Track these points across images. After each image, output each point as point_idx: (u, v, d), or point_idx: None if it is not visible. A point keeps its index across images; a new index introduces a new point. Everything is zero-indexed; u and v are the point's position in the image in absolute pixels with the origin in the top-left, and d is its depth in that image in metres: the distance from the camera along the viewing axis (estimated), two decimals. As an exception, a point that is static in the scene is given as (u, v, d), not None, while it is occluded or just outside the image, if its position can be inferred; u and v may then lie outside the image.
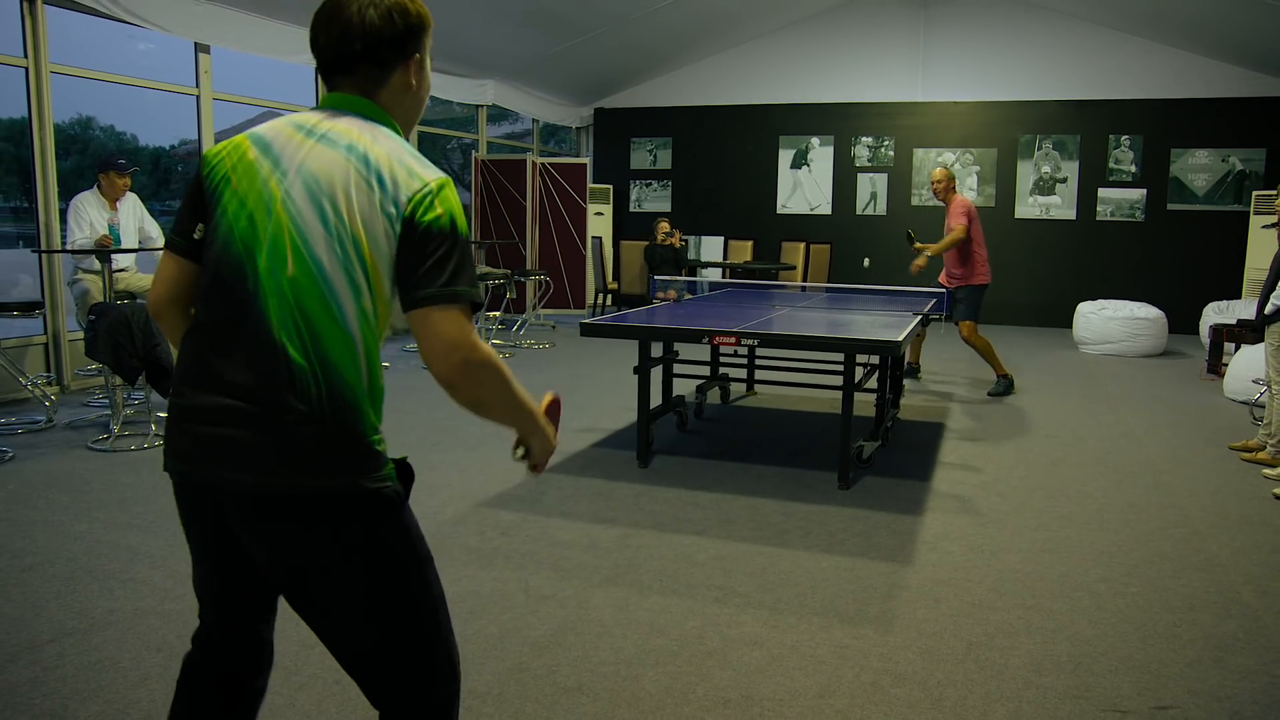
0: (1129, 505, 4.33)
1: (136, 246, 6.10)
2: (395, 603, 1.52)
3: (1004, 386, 7.07)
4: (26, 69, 6.22)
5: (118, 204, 6.05)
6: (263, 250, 1.46)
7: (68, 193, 6.25)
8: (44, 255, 6.38)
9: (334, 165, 1.47)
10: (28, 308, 5.44)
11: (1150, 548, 3.76)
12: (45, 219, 6.31)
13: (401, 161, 1.49)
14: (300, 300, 1.44)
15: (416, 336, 1.47)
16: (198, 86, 7.42)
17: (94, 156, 11.92)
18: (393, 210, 1.46)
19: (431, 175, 1.49)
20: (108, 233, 5.90)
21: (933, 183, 7.19)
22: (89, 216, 5.89)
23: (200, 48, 7.36)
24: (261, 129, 1.55)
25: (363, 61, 1.55)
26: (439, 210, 1.46)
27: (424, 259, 1.46)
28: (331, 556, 1.47)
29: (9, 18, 6.26)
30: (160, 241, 6.10)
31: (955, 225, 6.89)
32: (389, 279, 1.49)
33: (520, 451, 1.66)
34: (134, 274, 6.20)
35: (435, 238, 1.46)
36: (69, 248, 5.80)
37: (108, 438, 5.14)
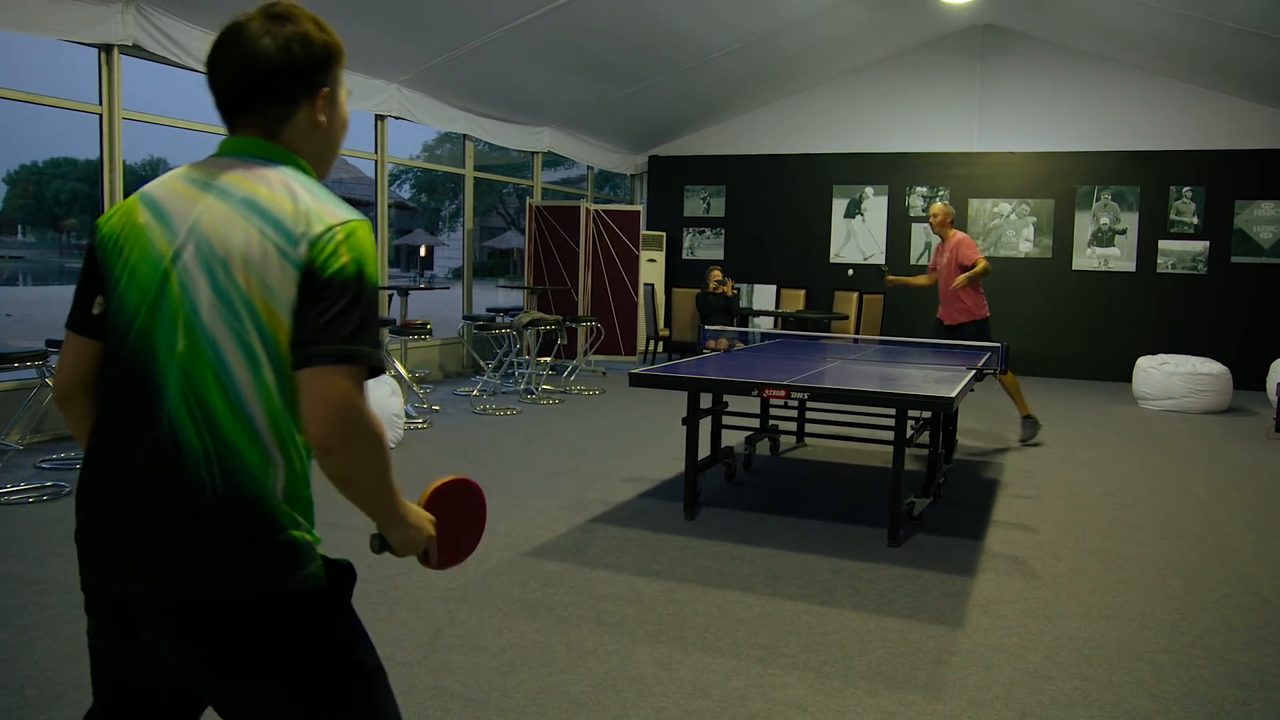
0: (1192, 571, 4.18)
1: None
2: None
3: (1032, 426, 7.14)
4: (101, 115, 6.43)
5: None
6: (158, 326, 1.32)
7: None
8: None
9: (229, 223, 1.32)
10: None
11: (1216, 617, 3.62)
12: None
13: (304, 204, 1.33)
14: (192, 378, 1.29)
15: (301, 396, 1.28)
16: (262, 133, 7.60)
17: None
18: (293, 261, 1.29)
19: (339, 216, 1.33)
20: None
21: (934, 215, 7.24)
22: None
23: (265, 96, 7.55)
24: (152, 187, 1.41)
25: (262, 99, 1.39)
26: (345, 257, 1.30)
27: (323, 311, 1.28)
28: (250, 670, 1.31)
29: (87, 68, 6.50)
30: None
31: (977, 259, 6.97)
32: None
33: (378, 544, 1.46)
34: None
35: (337, 287, 1.29)
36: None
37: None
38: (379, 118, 8.97)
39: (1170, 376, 9.01)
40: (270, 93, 1.39)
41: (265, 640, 1.31)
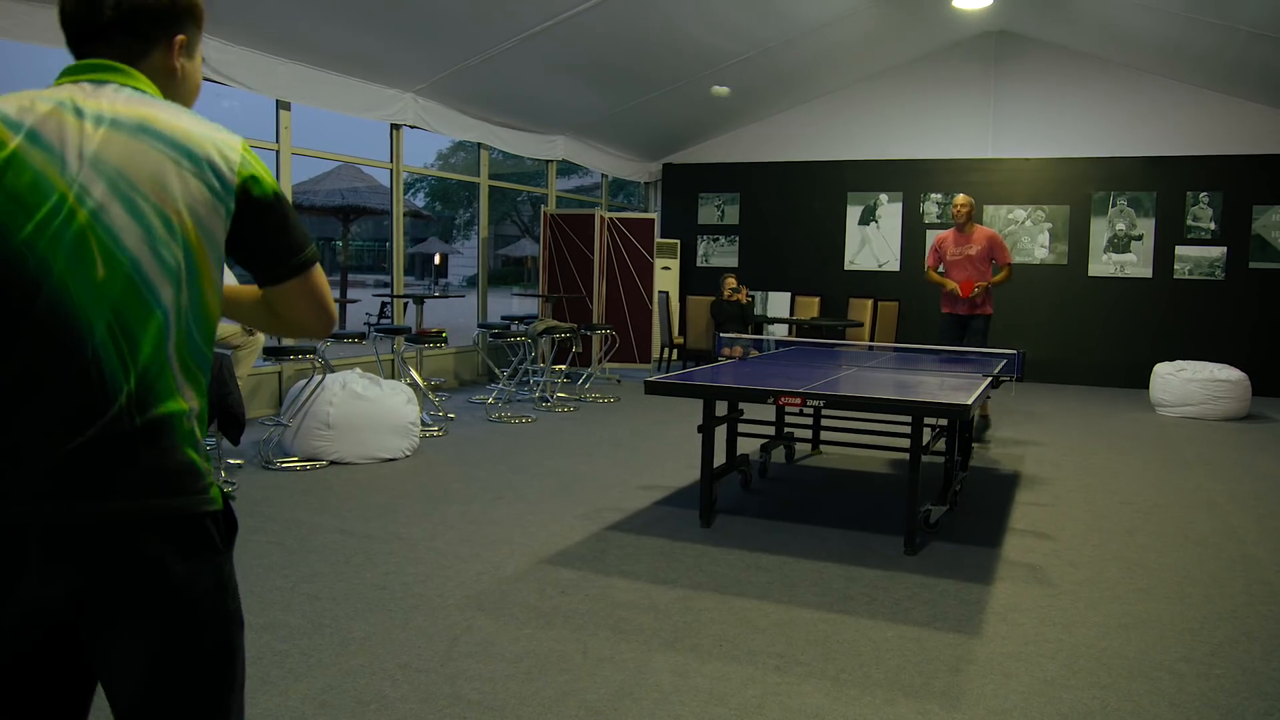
0: (1212, 579, 4.15)
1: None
2: (214, 665, 1.36)
3: (982, 427, 7.35)
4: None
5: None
6: (58, 254, 1.28)
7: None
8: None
9: (138, 154, 1.32)
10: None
11: (1237, 626, 3.59)
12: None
13: (207, 135, 1.38)
14: (114, 304, 1.30)
15: (287, 306, 1.47)
16: (278, 141, 7.67)
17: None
18: (219, 189, 1.37)
19: (237, 140, 1.42)
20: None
21: (964, 206, 7.45)
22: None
23: (281, 104, 7.62)
24: (9, 110, 1.33)
25: (119, 30, 1.40)
26: (264, 179, 1.42)
27: (270, 232, 1.43)
28: (147, 592, 1.31)
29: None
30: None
31: (1004, 259, 7.45)
32: (217, 264, 1.39)
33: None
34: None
35: (271, 208, 1.42)
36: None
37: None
38: (394, 127, 9.02)
39: (1188, 383, 8.95)
40: (125, 26, 1.40)
41: (164, 563, 1.31)
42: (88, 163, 1.31)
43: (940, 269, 7.70)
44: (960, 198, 7.55)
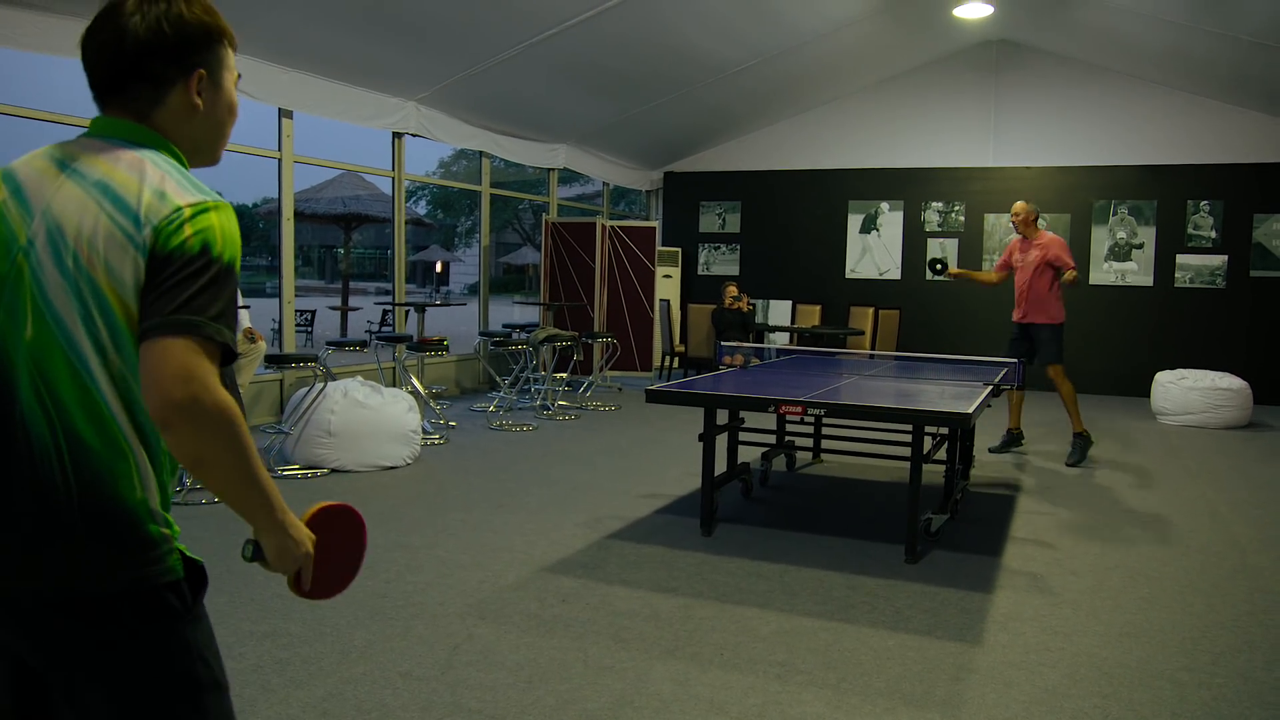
0: (1213, 588, 4.15)
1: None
2: None
3: (1081, 447, 6.97)
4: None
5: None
6: (3, 311, 1.27)
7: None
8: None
9: (80, 206, 1.26)
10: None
11: (1238, 635, 3.59)
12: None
13: (153, 186, 1.27)
14: (41, 366, 1.24)
15: (139, 371, 1.22)
16: (280, 149, 7.69)
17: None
18: (137, 245, 1.24)
19: (188, 198, 1.27)
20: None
21: (1016, 214, 7.18)
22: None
23: (283, 113, 7.64)
24: (18, 163, 1.35)
25: (133, 79, 1.34)
26: (187, 233, 1.24)
27: (158, 285, 1.23)
28: (87, 674, 1.26)
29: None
30: (239, 301, 6.26)
31: (1069, 262, 7.03)
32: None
33: (250, 550, 1.35)
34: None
35: (177, 262, 1.23)
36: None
37: (181, 490, 5.25)
38: (396, 135, 9.04)
39: (1189, 391, 8.95)
40: (139, 72, 1.34)
41: (109, 641, 1.26)
42: (42, 214, 1.28)
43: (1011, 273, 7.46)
44: (1016, 206, 7.19)
